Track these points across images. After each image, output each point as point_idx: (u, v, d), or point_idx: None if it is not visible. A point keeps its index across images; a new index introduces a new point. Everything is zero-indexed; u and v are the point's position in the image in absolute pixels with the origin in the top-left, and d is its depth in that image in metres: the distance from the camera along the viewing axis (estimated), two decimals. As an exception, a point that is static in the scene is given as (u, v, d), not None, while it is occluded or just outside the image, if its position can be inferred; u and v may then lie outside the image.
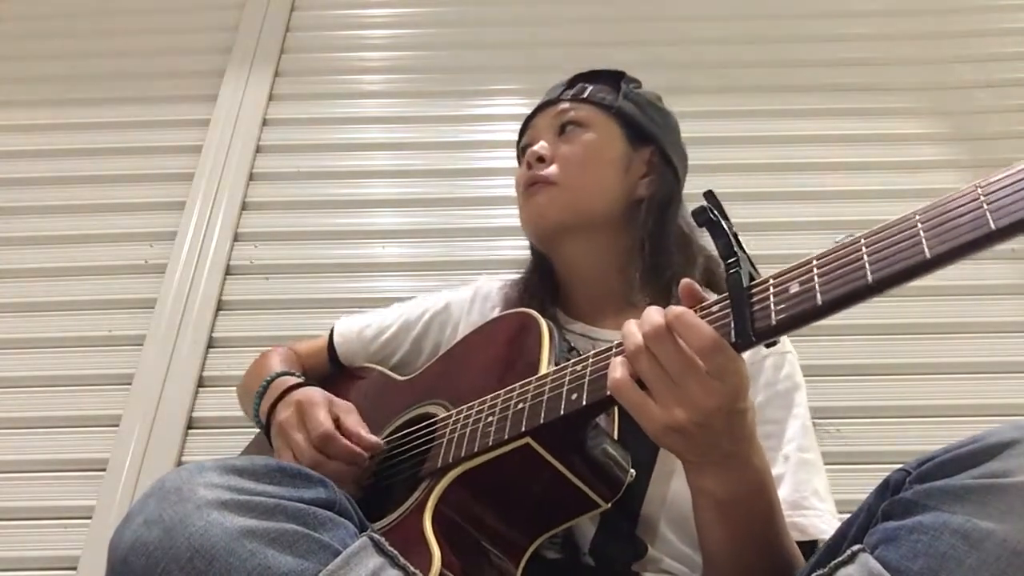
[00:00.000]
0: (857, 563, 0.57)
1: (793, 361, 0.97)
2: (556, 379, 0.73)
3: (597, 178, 1.03)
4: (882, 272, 0.56)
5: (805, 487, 0.86)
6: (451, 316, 1.11)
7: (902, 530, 0.56)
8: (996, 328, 1.49)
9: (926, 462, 0.60)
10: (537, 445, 0.72)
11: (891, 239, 0.57)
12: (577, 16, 1.95)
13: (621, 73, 1.12)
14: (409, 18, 2.00)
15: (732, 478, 0.68)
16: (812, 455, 0.90)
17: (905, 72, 1.80)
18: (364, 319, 1.15)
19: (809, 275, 0.60)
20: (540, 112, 1.11)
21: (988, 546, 0.52)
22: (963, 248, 0.53)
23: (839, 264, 0.59)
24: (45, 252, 1.67)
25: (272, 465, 0.64)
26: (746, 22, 1.91)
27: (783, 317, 0.60)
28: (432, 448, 0.81)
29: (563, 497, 0.74)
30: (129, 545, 0.58)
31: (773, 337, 0.62)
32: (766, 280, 0.63)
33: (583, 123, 1.06)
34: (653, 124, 1.10)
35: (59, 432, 1.47)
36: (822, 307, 0.59)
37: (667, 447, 0.67)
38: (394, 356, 1.11)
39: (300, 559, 0.58)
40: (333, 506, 0.64)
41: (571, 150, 1.04)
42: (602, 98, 1.08)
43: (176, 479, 0.61)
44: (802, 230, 1.60)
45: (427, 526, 0.70)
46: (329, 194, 1.72)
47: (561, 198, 1.01)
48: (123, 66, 1.93)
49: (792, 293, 0.60)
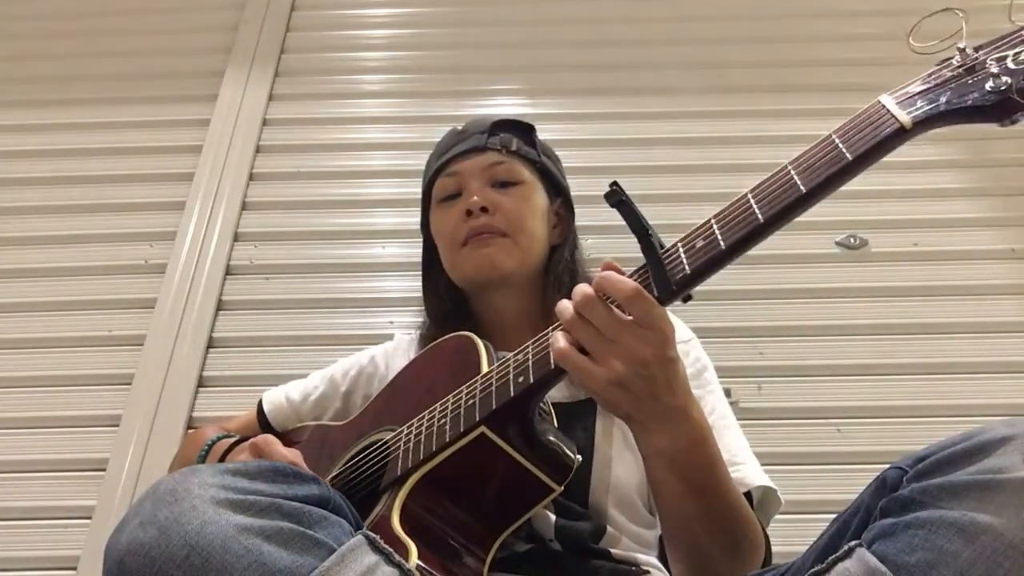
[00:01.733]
0: (854, 558, 0.58)
1: (697, 345, 1.08)
2: (501, 370, 0.78)
3: (535, 231, 1.09)
4: (770, 211, 0.67)
5: (732, 446, 0.95)
6: (377, 368, 1.14)
7: (899, 525, 0.57)
8: (996, 328, 1.49)
9: (922, 460, 0.60)
10: (491, 433, 0.75)
11: (772, 186, 0.69)
12: (577, 16, 1.95)
13: (532, 127, 1.17)
14: (409, 18, 2.00)
15: (678, 432, 0.74)
16: (730, 420, 1.00)
17: (905, 72, 1.80)
18: (287, 387, 1.17)
19: (710, 230, 0.70)
20: (464, 158, 1.12)
21: (985, 540, 0.52)
22: (830, 179, 0.66)
23: (734, 215, 0.69)
24: (45, 252, 1.67)
25: (265, 465, 0.65)
26: (746, 22, 1.91)
27: (696, 265, 0.69)
28: (388, 463, 0.83)
29: (519, 484, 0.77)
30: (125, 547, 0.58)
31: (690, 286, 0.70)
32: (675, 243, 0.72)
33: (517, 178, 1.10)
34: (563, 177, 1.18)
35: (59, 432, 1.47)
36: (726, 250, 0.68)
37: (613, 407, 0.72)
38: (326, 414, 1.13)
39: (296, 556, 0.58)
40: (327, 504, 0.65)
41: (512, 204, 1.08)
42: (528, 152, 1.13)
43: (171, 482, 0.61)
44: (802, 230, 1.60)
45: (396, 526, 0.72)
46: (329, 194, 1.72)
47: (512, 249, 1.05)
48: (123, 66, 1.93)
49: (699, 247, 0.70)
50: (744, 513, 0.82)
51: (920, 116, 0.68)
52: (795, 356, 1.48)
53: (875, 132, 0.67)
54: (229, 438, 1.02)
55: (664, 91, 1.82)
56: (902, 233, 1.60)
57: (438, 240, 1.14)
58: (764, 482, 0.93)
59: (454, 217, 1.08)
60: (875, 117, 0.69)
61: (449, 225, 1.09)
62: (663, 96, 1.81)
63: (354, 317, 1.56)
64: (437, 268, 1.16)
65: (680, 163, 1.70)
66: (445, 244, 1.11)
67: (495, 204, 1.06)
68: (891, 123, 0.68)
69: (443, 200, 1.12)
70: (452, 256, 1.10)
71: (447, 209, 1.11)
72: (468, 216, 1.06)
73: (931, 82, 0.73)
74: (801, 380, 1.45)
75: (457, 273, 1.10)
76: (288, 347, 1.54)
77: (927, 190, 1.66)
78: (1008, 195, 1.64)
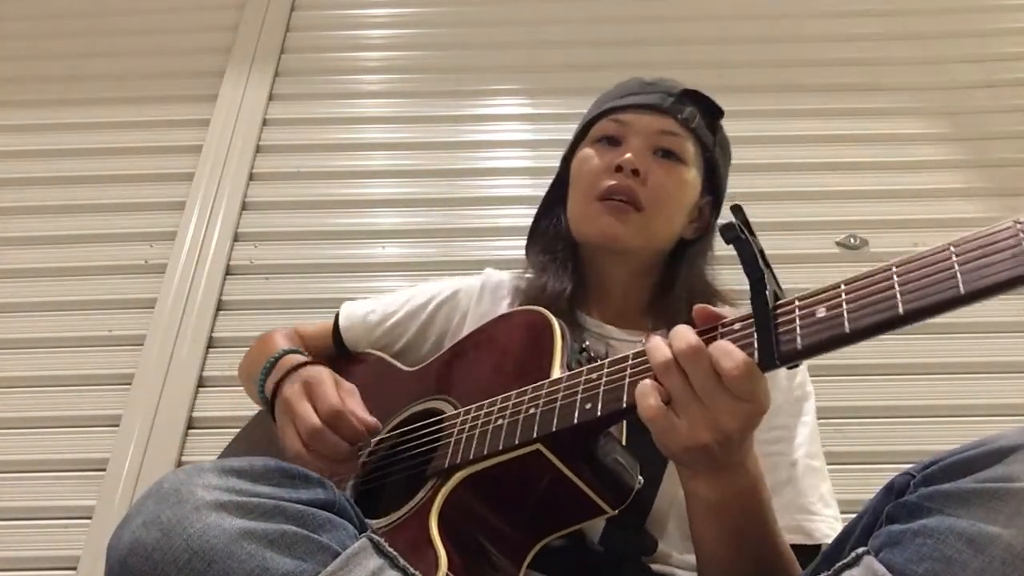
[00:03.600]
0: (862, 566, 0.57)
1: (804, 370, 0.97)
2: (570, 386, 0.72)
3: (674, 218, 1.02)
4: (914, 304, 0.55)
5: (812, 492, 0.87)
6: (459, 305, 1.08)
7: (907, 533, 0.56)
8: (996, 328, 1.49)
9: (931, 465, 0.60)
10: (548, 452, 0.71)
11: (924, 270, 0.56)
12: (577, 16, 1.95)
13: (722, 112, 1.07)
14: (409, 18, 2.00)
15: (727, 483, 0.69)
16: (819, 462, 0.91)
17: (905, 72, 1.81)
18: (370, 304, 1.13)
19: (837, 300, 0.59)
20: (639, 111, 1.03)
21: (993, 550, 0.52)
22: (1000, 286, 0.52)
23: (869, 292, 0.58)
24: (45, 252, 1.67)
25: (271, 466, 0.64)
26: (746, 22, 1.91)
27: (809, 342, 0.59)
28: (438, 447, 0.80)
29: (570, 503, 0.73)
30: (128, 547, 0.58)
31: (797, 361, 0.60)
32: (791, 301, 0.62)
33: (682, 156, 1.01)
34: (725, 177, 1.10)
35: (59, 432, 1.47)
36: (850, 335, 0.57)
37: (684, 464, 0.67)
38: (398, 342, 1.09)
39: (299, 561, 0.58)
40: (332, 507, 0.64)
41: (666, 183, 1.00)
42: (705, 136, 1.04)
43: (174, 480, 0.61)
44: (802, 230, 1.60)
45: (433, 528, 0.69)
46: (329, 194, 1.72)
47: (641, 227, 0.98)
48: (123, 66, 1.93)
49: (819, 318, 0.59)
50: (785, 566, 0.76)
51: None
52: (795, 356, 1.48)
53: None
54: (296, 354, 0.98)
55: (664, 91, 1.82)
56: (902, 233, 1.59)
57: (575, 180, 1.05)
58: None
59: (602, 164, 1.01)
60: None
61: (594, 170, 1.01)
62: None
63: (354, 317, 1.56)
64: (561, 208, 1.08)
65: (680, 163, 1.70)
66: (581, 188, 1.03)
67: (648, 171, 0.99)
68: None
69: (599, 140, 1.04)
70: (582, 205, 1.02)
71: (600, 152, 1.02)
72: (617, 171, 0.98)
73: None
74: (801, 380, 1.45)
75: (579, 226, 1.02)
76: (288, 347, 1.54)
77: (927, 190, 1.66)
78: (1008, 195, 1.64)
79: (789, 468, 0.88)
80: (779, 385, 0.93)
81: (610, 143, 1.03)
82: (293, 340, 1.08)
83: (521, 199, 1.69)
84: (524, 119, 1.85)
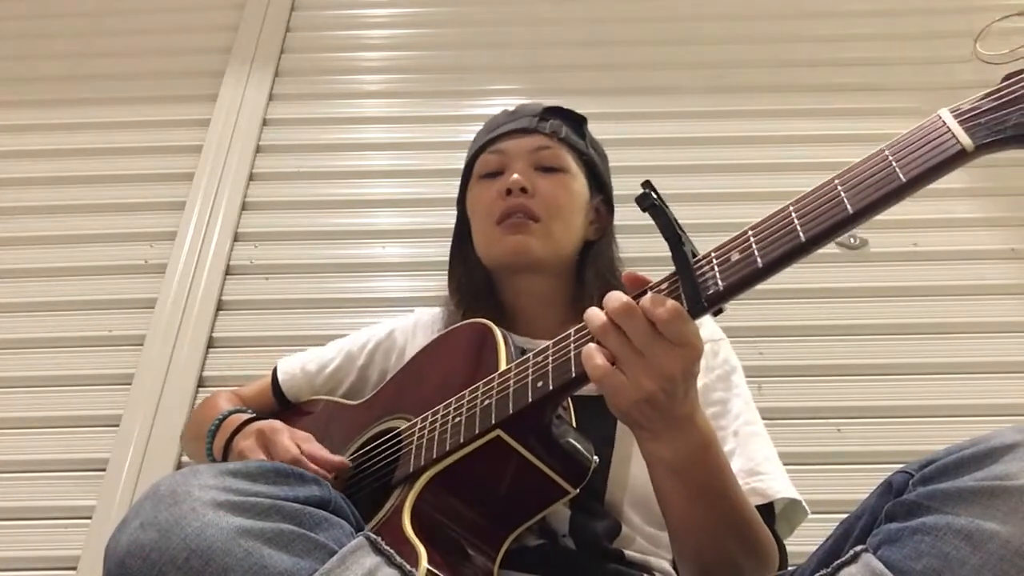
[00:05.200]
0: (860, 563, 0.58)
1: (727, 346, 1.05)
2: (520, 372, 0.76)
3: (572, 222, 1.08)
4: (812, 230, 0.63)
5: (756, 455, 0.93)
6: (395, 343, 1.13)
7: (905, 531, 0.56)
8: (996, 328, 1.49)
9: (929, 464, 0.60)
10: (508, 436, 0.74)
11: (816, 202, 0.64)
12: (576, 16, 1.95)
13: (584, 119, 1.16)
14: (409, 18, 2.00)
15: (683, 440, 0.72)
16: (757, 427, 0.97)
17: (905, 72, 1.81)
18: (305, 356, 1.16)
19: (747, 243, 0.66)
20: (511, 137, 1.12)
21: (991, 547, 0.52)
22: (878, 201, 0.61)
23: (773, 230, 0.65)
24: (45, 252, 1.67)
25: (267, 466, 0.65)
26: (746, 22, 1.91)
27: (729, 282, 0.65)
28: (401, 457, 0.82)
29: (534, 486, 0.76)
30: (125, 549, 0.58)
31: (722, 302, 0.67)
32: (708, 253, 0.68)
33: (561, 165, 1.09)
34: (607, 174, 1.17)
35: (59, 432, 1.47)
36: (762, 269, 0.64)
37: (632, 420, 0.71)
38: (340, 387, 1.12)
39: (296, 558, 0.58)
40: (328, 505, 0.65)
41: (553, 191, 1.07)
42: (576, 142, 1.12)
43: (171, 482, 0.61)
44: (802, 230, 1.60)
45: (407, 526, 0.71)
46: (329, 194, 1.72)
47: (544, 236, 1.05)
48: (123, 66, 1.93)
49: (734, 261, 0.66)
50: (753, 522, 0.80)
51: (984, 139, 0.59)
52: (795, 356, 1.48)
53: (933, 154, 0.61)
54: (241, 413, 1.01)
55: (663, 91, 1.82)
56: (902, 233, 1.59)
57: (472, 216, 1.13)
58: (788, 494, 0.91)
59: (492, 194, 1.08)
60: (933, 136, 0.61)
61: (486, 201, 1.09)
62: (662, 96, 1.81)
63: (354, 317, 1.56)
64: (468, 245, 1.15)
65: (679, 163, 1.70)
66: (479, 220, 1.11)
67: (535, 186, 1.06)
68: (951, 145, 0.60)
69: (484, 176, 1.12)
70: (485, 234, 1.09)
71: (487, 186, 1.10)
72: (507, 195, 1.06)
73: (998, 100, 0.62)
74: (801, 380, 1.45)
75: (488, 253, 1.09)
76: (288, 347, 1.52)
77: (927, 190, 1.62)
78: (1008, 195, 1.64)
79: (732, 439, 0.94)
80: (707, 363, 0.98)
81: (494, 176, 1.10)
82: (234, 402, 1.10)
83: (521, 199, 1.69)
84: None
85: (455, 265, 1.19)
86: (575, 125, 1.14)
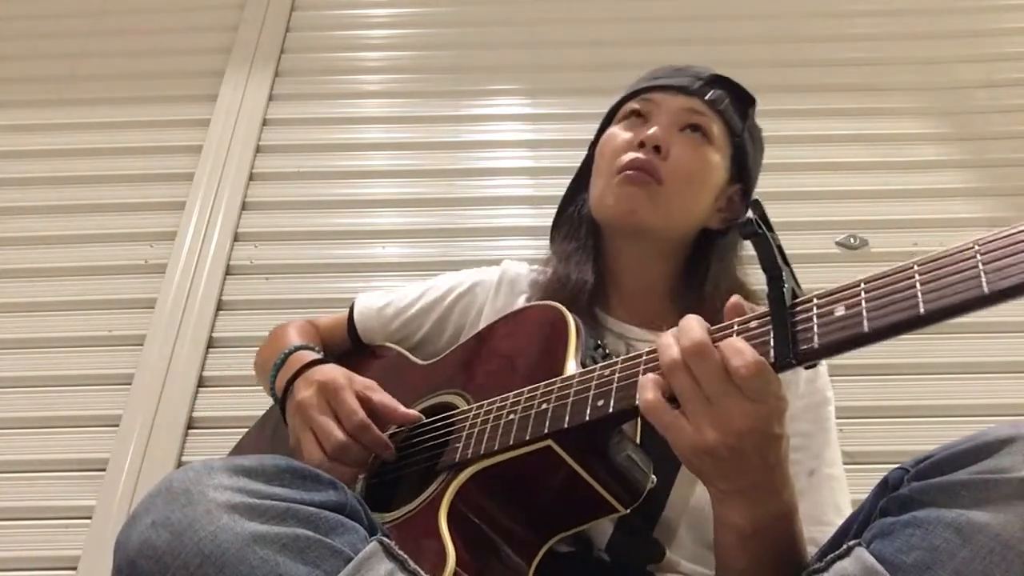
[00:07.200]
0: (852, 557, 0.58)
1: (824, 373, 0.95)
2: (582, 383, 0.72)
3: (697, 198, 0.98)
4: (935, 304, 0.53)
5: (827, 501, 0.85)
6: (476, 299, 1.07)
7: (897, 525, 0.57)
8: (996, 328, 1.49)
9: (924, 460, 0.60)
10: (559, 448, 0.70)
11: (947, 268, 0.54)
12: (577, 16, 1.95)
13: (753, 100, 1.05)
14: (409, 18, 2.00)
15: (758, 510, 0.65)
16: (837, 470, 0.89)
17: (905, 72, 1.81)
18: (386, 296, 1.12)
19: (857, 298, 0.57)
20: (667, 92, 1.01)
21: (981, 539, 0.52)
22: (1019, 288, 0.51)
23: (890, 290, 0.56)
24: (45, 252, 1.67)
25: (283, 466, 0.64)
26: (746, 22, 1.91)
27: (827, 341, 0.57)
28: (450, 441, 0.79)
29: (581, 500, 0.72)
30: (137, 547, 0.57)
31: (814, 360, 0.59)
32: (810, 299, 0.60)
33: (709, 136, 0.99)
34: (755, 167, 1.06)
35: (59, 432, 1.47)
36: (869, 334, 0.55)
37: (695, 470, 0.65)
38: (415, 336, 1.08)
39: (311, 567, 0.57)
40: (344, 509, 0.64)
41: (689, 158, 0.97)
42: (733, 119, 1.02)
43: (184, 479, 0.60)
44: (802, 230, 1.60)
45: (442, 523, 0.69)
46: (329, 194, 1.72)
47: (661, 202, 0.95)
48: (123, 66, 1.93)
49: (837, 316, 0.57)
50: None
51: None
52: (795, 356, 1.47)
53: None
54: (308, 351, 0.97)
55: (664, 91, 1.82)
56: (902, 233, 1.59)
57: (598, 159, 1.03)
58: None
59: (624, 141, 0.99)
60: None
61: (615, 146, 1.00)
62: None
63: (354, 317, 1.56)
64: (583, 193, 1.06)
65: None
66: (602, 164, 1.01)
67: (671, 148, 0.96)
68: None
69: (624, 119, 1.04)
70: (602, 181, 1.00)
71: (625, 129, 1.01)
72: (639, 147, 0.96)
73: None
74: (801, 380, 1.45)
75: (597, 203, 1.00)
76: (288, 347, 1.54)
77: (927, 190, 1.65)
78: (1008, 195, 1.64)
79: (806, 477, 0.86)
80: (798, 391, 0.91)
81: (636, 118, 1.01)
82: (307, 333, 1.07)
83: (521, 199, 1.69)
84: (524, 119, 1.85)
85: (566, 214, 1.10)
86: (739, 103, 1.03)
